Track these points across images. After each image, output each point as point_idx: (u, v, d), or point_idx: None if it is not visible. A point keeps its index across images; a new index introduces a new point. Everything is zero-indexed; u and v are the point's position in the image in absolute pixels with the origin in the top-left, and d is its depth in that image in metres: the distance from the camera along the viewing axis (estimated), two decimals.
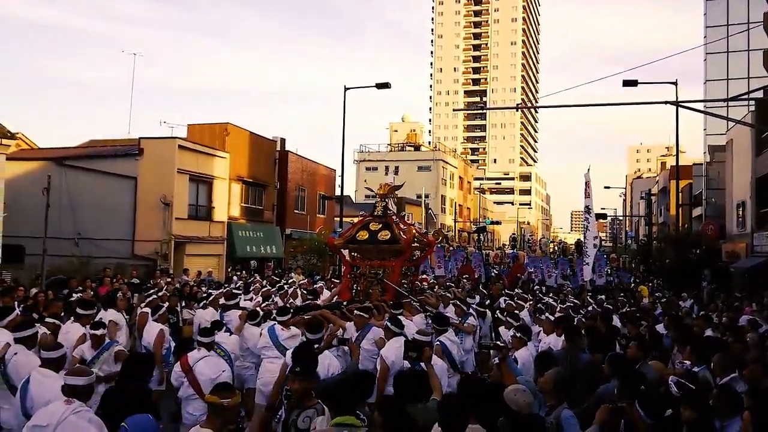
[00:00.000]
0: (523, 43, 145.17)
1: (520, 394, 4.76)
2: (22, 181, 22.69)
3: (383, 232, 11.71)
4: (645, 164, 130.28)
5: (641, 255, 32.51)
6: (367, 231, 11.92)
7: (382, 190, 12.47)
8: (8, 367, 6.65)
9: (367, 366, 7.99)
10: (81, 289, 13.86)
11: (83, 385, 4.97)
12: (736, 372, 6.46)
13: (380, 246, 11.68)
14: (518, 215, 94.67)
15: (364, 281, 11.83)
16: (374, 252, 11.82)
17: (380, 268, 11.67)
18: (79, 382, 4.98)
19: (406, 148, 75.52)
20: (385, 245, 11.64)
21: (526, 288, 19.70)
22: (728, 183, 30.11)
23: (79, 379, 5.01)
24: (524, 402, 4.68)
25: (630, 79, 22.81)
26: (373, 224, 12.02)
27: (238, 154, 30.62)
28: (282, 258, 33.16)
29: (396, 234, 11.68)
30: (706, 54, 36.97)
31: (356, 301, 10.59)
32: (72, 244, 23.48)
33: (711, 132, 36.51)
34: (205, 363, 7.05)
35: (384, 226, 11.86)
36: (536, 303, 13.87)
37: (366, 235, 11.87)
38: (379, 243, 11.68)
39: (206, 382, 6.69)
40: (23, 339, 6.90)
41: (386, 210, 12.19)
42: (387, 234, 11.65)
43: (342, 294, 11.71)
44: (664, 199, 52.43)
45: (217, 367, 7.12)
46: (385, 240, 11.62)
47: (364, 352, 8.28)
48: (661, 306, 16.20)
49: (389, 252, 11.68)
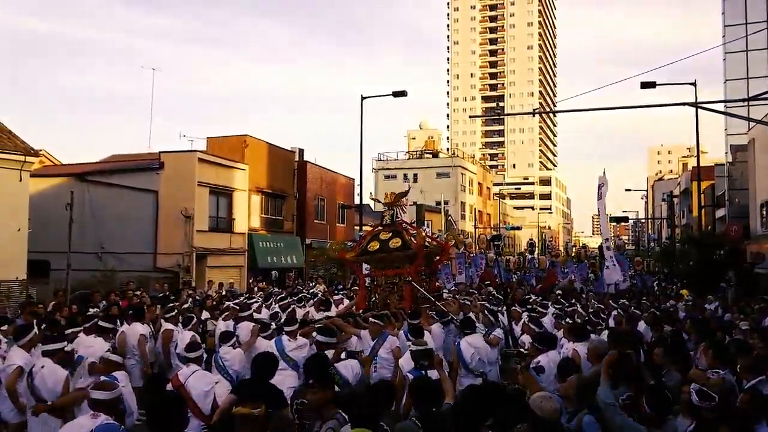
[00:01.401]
0: (539, 47, 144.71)
1: (546, 401, 4.68)
2: (46, 197, 23.01)
3: (394, 239, 11.72)
4: (666, 166, 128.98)
5: (664, 257, 32.13)
6: (378, 241, 11.95)
7: (388, 199, 12.44)
8: (35, 380, 6.77)
9: (384, 375, 8.01)
10: (105, 304, 13.98)
11: (107, 399, 5.00)
12: (763, 375, 6.35)
13: (393, 254, 11.68)
14: (539, 220, 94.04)
15: (381, 291, 11.82)
16: (388, 261, 11.82)
17: (395, 277, 11.67)
18: (102, 396, 5.02)
19: (425, 156, 75.46)
20: (397, 252, 11.64)
21: (574, 294, 19.12)
22: (751, 183, 29.69)
23: (103, 393, 5.05)
24: (551, 408, 4.63)
25: (648, 81, 22.55)
26: (383, 233, 12.05)
27: (257, 166, 30.83)
28: (303, 268, 33.27)
29: (407, 240, 11.67)
30: (725, 53, 36.55)
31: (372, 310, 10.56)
32: (95, 258, 23.74)
33: (732, 132, 36.03)
34: (194, 378, 6.90)
35: (394, 233, 11.87)
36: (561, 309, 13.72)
37: (377, 245, 11.90)
38: (391, 251, 11.68)
39: (200, 396, 6.66)
40: (50, 352, 6.98)
41: (394, 218, 12.17)
42: (398, 241, 11.65)
43: (358, 306, 11.64)
44: (686, 200, 51.80)
45: (208, 378, 7.04)
46: (397, 247, 11.62)
47: (381, 361, 8.27)
48: (687, 309, 16.00)
49: (403, 259, 11.67)
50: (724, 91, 36.88)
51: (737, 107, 24.69)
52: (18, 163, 19.28)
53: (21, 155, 19.34)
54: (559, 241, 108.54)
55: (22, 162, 19.40)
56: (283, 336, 8.39)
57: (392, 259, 11.74)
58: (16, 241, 19.10)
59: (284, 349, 8.13)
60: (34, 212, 20.53)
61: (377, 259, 11.92)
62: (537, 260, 32.25)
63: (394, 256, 11.69)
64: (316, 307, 13.64)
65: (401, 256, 11.66)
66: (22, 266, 19.38)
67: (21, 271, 19.31)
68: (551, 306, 14.03)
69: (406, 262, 11.64)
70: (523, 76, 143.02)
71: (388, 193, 12.81)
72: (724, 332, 9.84)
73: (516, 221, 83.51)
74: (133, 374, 10.30)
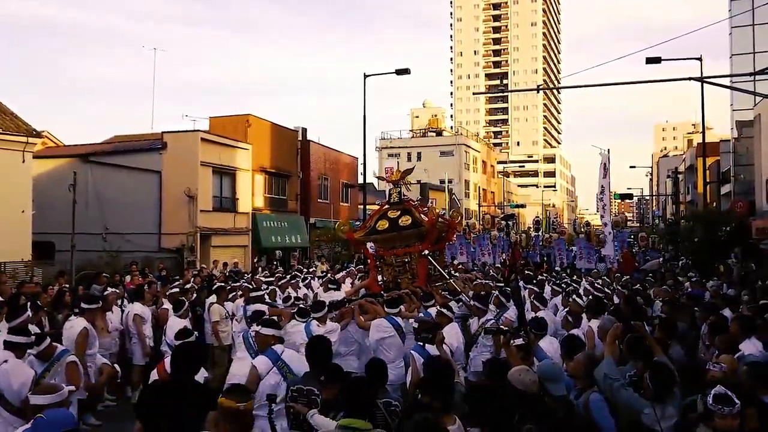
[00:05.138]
0: (543, 23, 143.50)
1: (524, 373, 4.80)
2: (49, 179, 23.00)
3: (404, 217, 11.54)
4: (671, 142, 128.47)
5: (669, 234, 32.06)
6: (387, 220, 11.74)
7: (393, 177, 12.29)
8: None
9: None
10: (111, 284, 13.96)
11: (47, 405, 4.39)
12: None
13: (403, 232, 11.51)
14: (543, 198, 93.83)
15: (391, 271, 11.71)
16: (398, 240, 11.61)
17: (405, 256, 11.51)
18: (42, 401, 4.45)
19: (428, 134, 75.24)
20: (408, 231, 11.46)
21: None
22: (757, 159, 29.49)
23: (44, 398, 4.49)
24: (530, 381, 4.73)
25: (653, 57, 22.27)
26: (391, 212, 11.84)
27: (261, 145, 30.76)
28: (307, 247, 33.33)
29: (418, 217, 11.52)
30: (732, 28, 36.23)
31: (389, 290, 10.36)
32: (100, 239, 23.77)
33: (738, 107, 35.82)
34: None
35: (403, 211, 11.68)
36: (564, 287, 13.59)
37: (386, 224, 11.69)
38: (401, 229, 11.52)
39: None
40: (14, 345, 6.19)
41: (402, 195, 12.02)
42: (408, 219, 11.47)
43: (371, 287, 11.42)
44: (691, 177, 51.57)
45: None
46: (407, 225, 11.46)
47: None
48: (692, 286, 15.94)
49: (414, 237, 11.46)
50: (730, 66, 36.62)
51: (744, 82, 24.48)
52: (21, 144, 19.22)
53: (24, 136, 19.28)
54: (563, 219, 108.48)
55: (25, 143, 19.33)
56: (312, 321, 8.18)
57: (402, 238, 11.54)
58: (21, 223, 19.10)
59: (312, 335, 7.80)
60: (38, 194, 20.51)
61: (387, 238, 11.71)
62: (542, 238, 32.24)
63: (404, 234, 11.48)
64: (324, 287, 13.57)
65: (413, 234, 11.43)
66: (27, 248, 19.40)
67: (26, 253, 19.34)
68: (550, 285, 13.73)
69: (417, 239, 11.41)
70: (527, 53, 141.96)
71: (394, 171, 12.64)
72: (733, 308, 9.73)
73: (520, 199, 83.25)
74: (135, 354, 10.40)
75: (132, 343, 10.42)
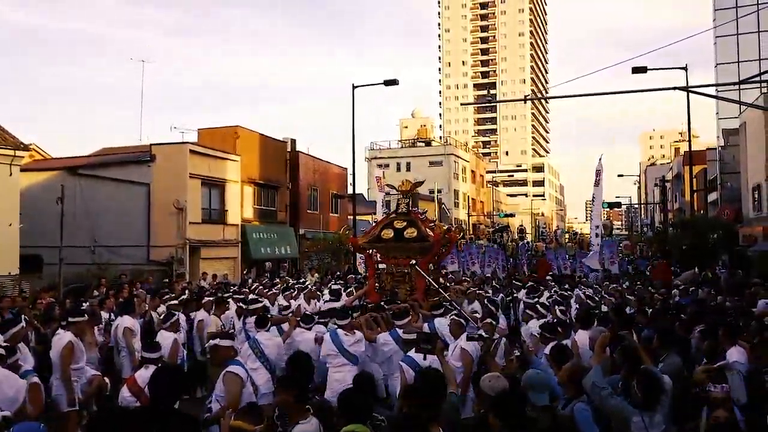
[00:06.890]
0: (531, 33, 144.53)
1: (495, 380, 4.92)
2: (37, 192, 22.87)
3: (409, 229, 11.49)
4: (659, 150, 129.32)
5: (657, 242, 32.24)
6: (392, 229, 11.68)
7: (404, 187, 12.29)
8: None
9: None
10: (96, 295, 13.84)
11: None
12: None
13: (407, 244, 11.48)
14: (532, 207, 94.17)
15: (390, 280, 11.67)
16: (401, 250, 11.58)
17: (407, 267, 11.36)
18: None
19: (417, 144, 75.42)
20: (412, 243, 11.43)
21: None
22: (743, 166, 29.79)
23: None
24: (500, 387, 4.82)
25: (639, 66, 22.47)
26: (397, 222, 11.80)
27: (250, 157, 30.71)
28: (297, 258, 33.25)
29: (423, 231, 11.50)
30: (716, 37, 36.62)
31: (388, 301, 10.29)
32: (89, 252, 23.63)
33: (724, 115, 36.15)
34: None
35: (409, 223, 11.64)
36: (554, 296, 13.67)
37: (391, 233, 11.65)
38: (406, 241, 11.47)
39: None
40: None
41: (410, 207, 12.03)
42: (413, 231, 11.42)
43: (370, 295, 11.41)
44: (678, 185, 51.92)
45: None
46: (413, 238, 11.43)
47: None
48: (680, 293, 16.00)
49: (416, 250, 11.44)
50: (715, 75, 36.95)
51: (729, 90, 24.73)
52: (8, 157, 19.17)
53: (11, 150, 19.22)
54: (551, 227, 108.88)
55: (12, 156, 19.29)
56: (339, 330, 8.04)
57: (405, 249, 11.50)
58: (8, 236, 19.02)
59: (342, 344, 7.84)
60: (26, 207, 20.39)
61: (390, 248, 11.70)
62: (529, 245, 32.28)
63: (408, 246, 11.47)
64: (306, 298, 13.48)
65: (416, 247, 11.43)
66: (14, 261, 19.32)
67: (14, 266, 19.25)
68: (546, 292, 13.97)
69: (419, 253, 11.39)
70: (515, 63, 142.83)
71: (404, 181, 12.63)
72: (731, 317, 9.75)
73: (509, 208, 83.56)
74: (124, 367, 10.29)
75: (121, 356, 10.32)
